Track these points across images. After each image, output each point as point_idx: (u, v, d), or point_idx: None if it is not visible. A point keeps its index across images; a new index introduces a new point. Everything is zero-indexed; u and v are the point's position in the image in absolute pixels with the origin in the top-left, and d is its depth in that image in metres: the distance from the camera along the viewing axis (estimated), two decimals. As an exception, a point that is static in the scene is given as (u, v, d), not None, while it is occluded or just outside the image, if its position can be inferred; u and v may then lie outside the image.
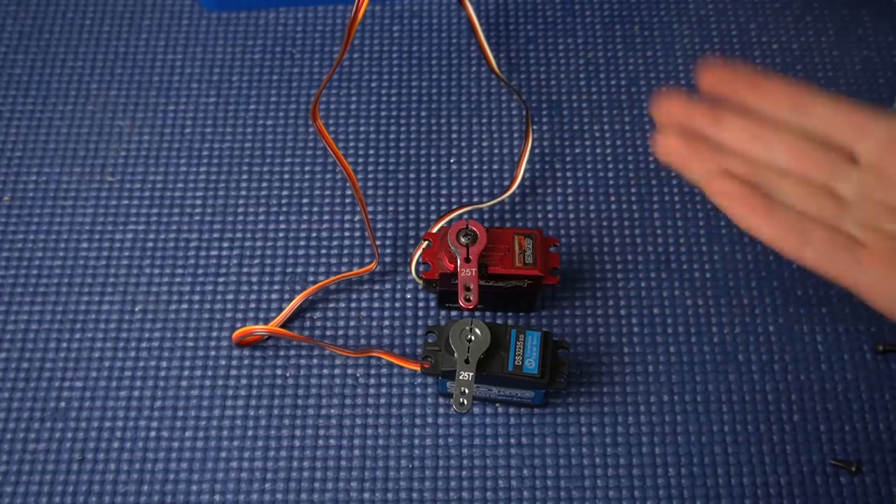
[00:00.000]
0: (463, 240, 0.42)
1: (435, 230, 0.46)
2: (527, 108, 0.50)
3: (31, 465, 0.43)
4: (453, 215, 0.47)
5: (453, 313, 0.46)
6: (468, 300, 0.41)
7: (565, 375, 0.40)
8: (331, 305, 0.46)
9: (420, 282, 0.46)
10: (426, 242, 0.44)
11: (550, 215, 0.48)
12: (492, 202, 0.48)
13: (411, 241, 0.48)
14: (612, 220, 0.48)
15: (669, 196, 0.49)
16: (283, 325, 0.45)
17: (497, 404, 0.43)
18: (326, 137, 0.40)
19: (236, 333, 0.44)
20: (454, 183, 0.49)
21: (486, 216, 0.48)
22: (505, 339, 0.39)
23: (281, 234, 0.48)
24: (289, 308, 0.45)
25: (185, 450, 0.43)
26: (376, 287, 0.47)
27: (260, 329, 0.44)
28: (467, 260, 0.41)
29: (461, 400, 0.38)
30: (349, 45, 0.37)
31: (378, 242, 0.48)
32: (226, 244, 0.48)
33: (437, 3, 0.55)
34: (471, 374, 0.38)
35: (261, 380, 0.44)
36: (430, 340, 0.40)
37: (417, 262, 0.46)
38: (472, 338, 0.39)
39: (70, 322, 0.46)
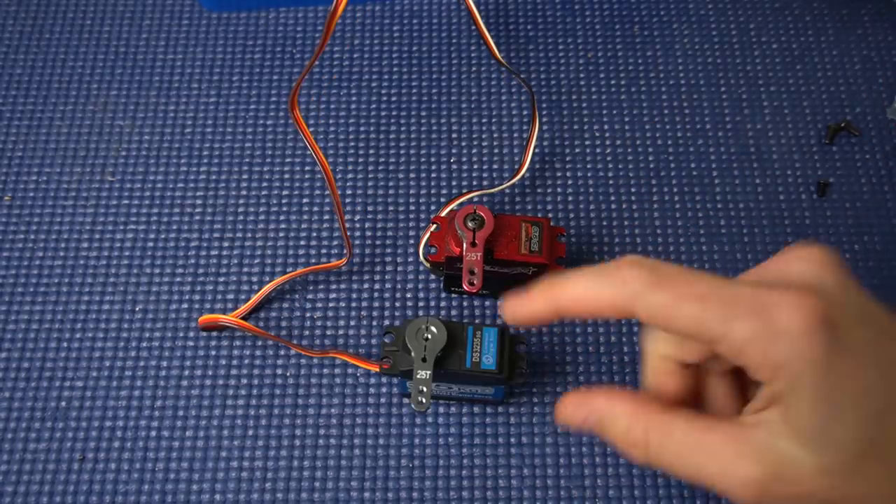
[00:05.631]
0: (470, 224, 0.42)
1: (444, 213, 0.47)
2: (531, 90, 0.50)
3: (32, 465, 0.43)
4: (463, 199, 0.48)
5: (453, 297, 0.46)
6: (472, 283, 0.41)
7: (524, 370, 0.40)
8: (330, 305, 0.46)
9: (427, 265, 0.46)
10: (434, 225, 0.44)
11: (550, 215, 0.48)
12: (500, 187, 0.48)
13: (411, 241, 0.48)
14: (611, 219, 0.48)
15: (669, 196, 0.49)
16: (257, 315, 0.46)
17: (461, 402, 0.44)
18: (303, 127, 0.40)
19: (202, 319, 0.45)
20: (454, 183, 0.50)
21: (495, 206, 0.48)
22: (462, 336, 0.39)
23: (281, 234, 0.48)
24: (256, 297, 0.45)
25: (185, 450, 0.43)
26: (377, 287, 0.47)
27: (225, 319, 0.44)
28: (473, 244, 0.42)
29: (420, 399, 0.38)
30: (329, 37, 0.37)
31: (378, 242, 0.48)
32: (226, 244, 0.48)
33: (437, 3, 0.55)
34: (428, 372, 0.38)
35: (261, 380, 0.44)
36: (387, 341, 0.40)
37: (425, 245, 0.47)
38: (429, 336, 0.39)
39: (70, 322, 0.46)
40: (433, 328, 0.39)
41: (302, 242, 0.48)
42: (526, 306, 0.33)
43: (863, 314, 0.30)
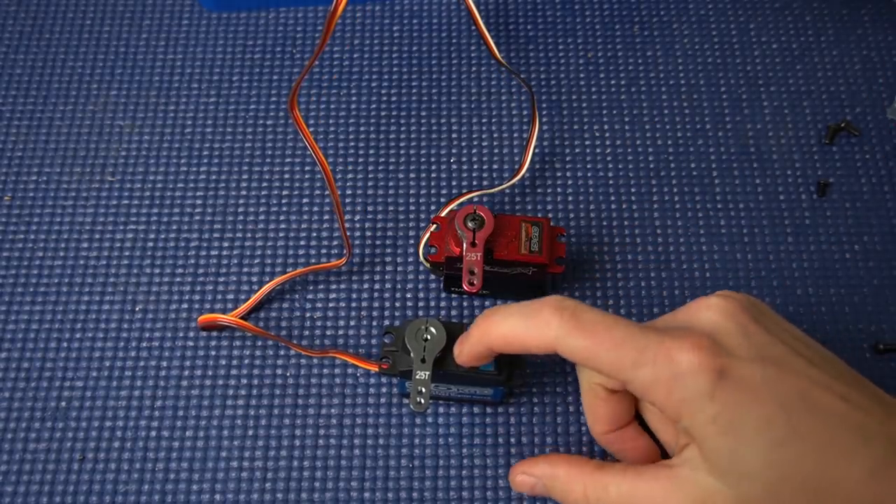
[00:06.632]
0: (470, 224, 0.42)
1: (444, 213, 0.47)
2: (531, 90, 0.50)
3: (32, 465, 0.43)
4: (463, 199, 0.48)
5: (454, 295, 0.46)
6: (472, 284, 0.41)
7: (524, 371, 0.40)
8: (330, 305, 0.46)
9: (427, 265, 0.46)
10: (434, 225, 0.44)
11: (550, 215, 0.49)
12: (500, 187, 0.48)
13: (411, 241, 0.48)
14: (611, 219, 0.48)
15: (669, 196, 0.49)
16: (257, 315, 0.46)
17: (461, 403, 0.44)
18: (303, 127, 0.40)
19: (201, 319, 0.45)
20: (454, 183, 0.50)
21: (495, 206, 0.48)
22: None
23: (281, 234, 0.48)
24: (256, 297, 0.45)
25: (185, 450, 0.43)
26: (376, 287, 0.47)
27: (224, 319, 0.45)
28: (473, 244, 0.42)
29: (418, 399, 0.38)
30: (328, 37, 0.38)
31: (378, 242, 0.48)
32: (226, 244, 0.48)
33: (437, 3, 0.55)
34: (427, 373, 0.38)
35: (261, 380, 0.44)
36: (387, 341, 0.40)
37: (425, 245, 0.47)
38: (428, 337, 0.39)
39: (70, 322, 0.46)
40: (433, 329, 0.39)
41: (302, 242, 0.48)
42: (465, 350, 0.37)
43: (761, 354, 0.33)
